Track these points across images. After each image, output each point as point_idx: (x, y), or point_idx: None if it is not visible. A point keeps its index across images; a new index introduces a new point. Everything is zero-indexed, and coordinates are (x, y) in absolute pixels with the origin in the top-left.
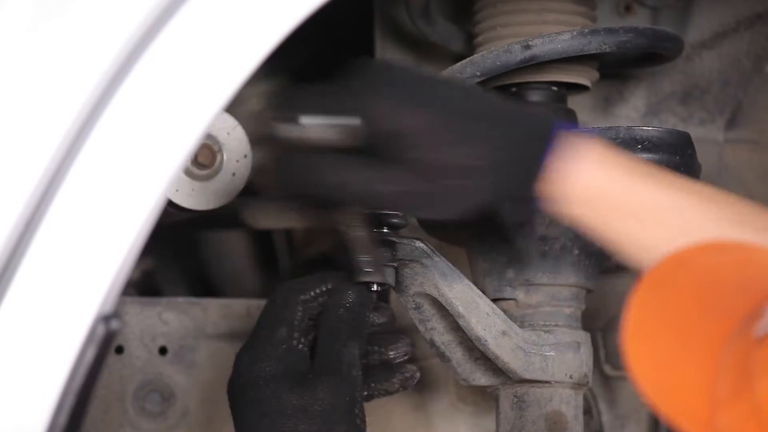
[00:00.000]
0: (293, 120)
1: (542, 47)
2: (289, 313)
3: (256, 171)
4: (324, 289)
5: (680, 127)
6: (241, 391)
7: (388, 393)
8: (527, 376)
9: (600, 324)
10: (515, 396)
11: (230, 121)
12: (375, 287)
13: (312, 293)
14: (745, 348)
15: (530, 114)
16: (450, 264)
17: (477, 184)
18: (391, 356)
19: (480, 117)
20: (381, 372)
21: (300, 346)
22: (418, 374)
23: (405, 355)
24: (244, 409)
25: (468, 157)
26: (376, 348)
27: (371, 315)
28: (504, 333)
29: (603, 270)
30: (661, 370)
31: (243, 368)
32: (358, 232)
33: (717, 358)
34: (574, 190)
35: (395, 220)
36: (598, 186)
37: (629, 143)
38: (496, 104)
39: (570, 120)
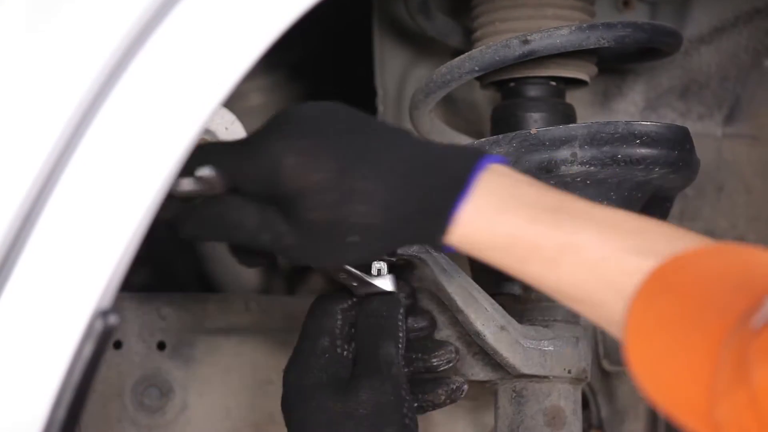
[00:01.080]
0: (189, 174)
1: (541, 42)
2: (329, 322)
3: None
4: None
5: (679, 122)
6: (292, 406)
7: (435, 405)
8: (526, 370)
9: None
10: (514, 391)
11: (228, 116)
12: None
13: (350, 302)
14: (743, 340)
15: (447, 158)
16: (449, 259)
17: (369, 241)
18: (434, 363)
19: (385, 170)
20: (428, 383)
21: (345, 353)
22: (466, 386)
23: (448, 362)
24: (297, 424)
25: (361, 215)
26: (419, 355)
27: (405, 318)
28: (502, 328)
29: None
30: (660, 366)
31: (291, 384)
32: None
33: (716, 352)
34: (480, 239)
35: None
36: (500, 233)
37: (627, 138)
38: (411, 151)
39: (567, 113)
